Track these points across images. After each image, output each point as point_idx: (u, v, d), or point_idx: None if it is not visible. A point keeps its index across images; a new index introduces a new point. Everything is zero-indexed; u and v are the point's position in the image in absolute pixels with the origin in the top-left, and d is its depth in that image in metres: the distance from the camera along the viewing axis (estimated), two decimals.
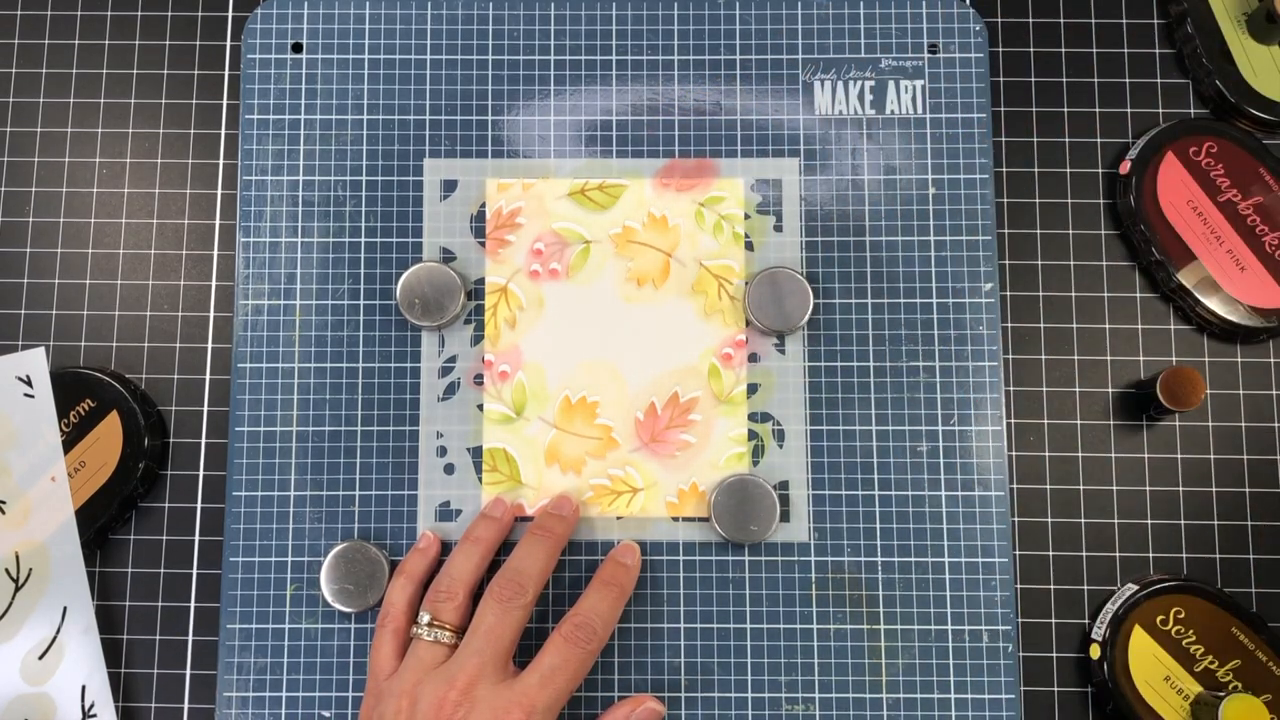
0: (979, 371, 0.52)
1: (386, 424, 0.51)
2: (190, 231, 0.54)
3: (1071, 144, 0.54)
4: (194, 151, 0.55)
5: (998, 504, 0.51)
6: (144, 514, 0.52)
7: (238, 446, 0.51)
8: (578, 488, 0.51)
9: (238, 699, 0.50)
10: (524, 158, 0.53)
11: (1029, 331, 0.53)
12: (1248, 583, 0.51)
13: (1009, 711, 0.49)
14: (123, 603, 0.51)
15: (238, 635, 0.50)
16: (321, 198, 0.53)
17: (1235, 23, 0.54)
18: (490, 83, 0.54)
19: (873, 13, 0.54)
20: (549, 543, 0.48)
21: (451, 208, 0.53)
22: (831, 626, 0.50)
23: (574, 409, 0.52)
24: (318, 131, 0.53)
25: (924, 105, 0.53)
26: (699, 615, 0.50)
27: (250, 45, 0.54)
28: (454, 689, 0.43)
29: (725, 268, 0.52)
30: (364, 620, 0.50)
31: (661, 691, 0.49)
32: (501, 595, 0.46)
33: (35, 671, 0.50)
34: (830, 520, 0.51)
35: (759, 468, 0.51)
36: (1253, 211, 0.52)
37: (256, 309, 0.52)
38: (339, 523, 0.51)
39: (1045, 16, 0.55)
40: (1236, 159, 0.53)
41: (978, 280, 0.52)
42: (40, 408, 0.51)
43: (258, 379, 0.52)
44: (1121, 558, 0.51)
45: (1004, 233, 0.54)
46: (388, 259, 0.53)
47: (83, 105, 0.55)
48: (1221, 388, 0.52)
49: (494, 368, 0.52)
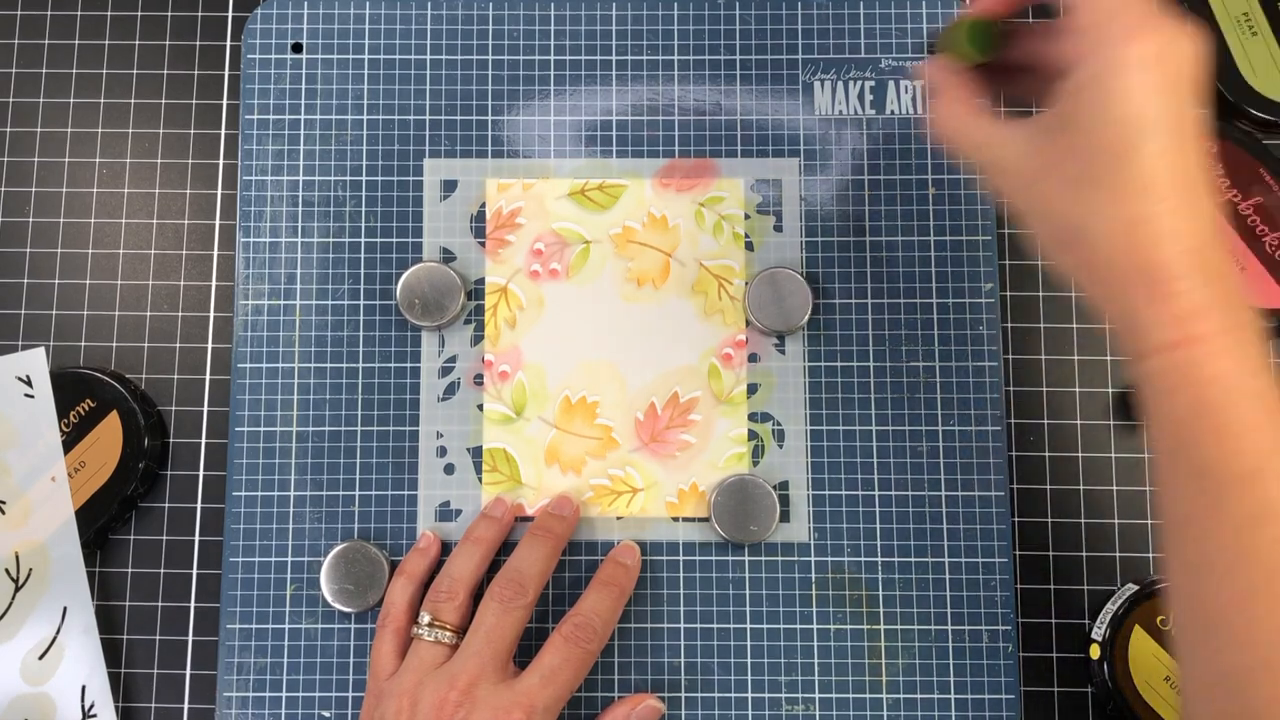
0: (979, 371, 0.52)
1: (386, 424, 0.51)
2: (190, 231, 0.54)
3: None
4: (194, 151, 0.55)
5: (998, 504, 0.51)
6: (144, 514, 0.52)
7: (238, 446, 0.51)
8: (578, 488, 0.51)
9: (238, 699, 0.50)
10: (524, 158, 0.53)
11: (1029, 331, 0.53)
12: None
13: (1009, 712, 0.49)
14: (123, 603, 0.51)
15: (238, 635, 0.50)
16: (321, 198, 0.53)
17: (1235, 23, 0.54)
18: (490, 83, 0.54)
19: (873, 13, 0.54)
20: (549, 543, 0.48)
21: (451, 208, 0.53)
22: (831, 626, 0.50)
23: (574, 409, 0.52)
24: (318, 131, 0.53)
25: (924, 105, 0.53)
26: (699, 615, 0.50)
27: (250, 45, 0.54)
28: (455, 689, 0.43)
29: (725, 268, 0.52)
30: (364, 620, 0.50)
31: (661, 691, 0.49)
32: (502, 595, 0.46)
33: (35, 671, 0.50)
34: (830, 520, 0.51)
35: (759, 468, 0.51)
36: (1253, 212, 0.52)
37: (256, 309, 0.52)
38: (339, 523, 0.51)
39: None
40: (1236, 159, 0.53)
41: (978, 280, 0.52)
42: (40, 408, 0.51)
43: (258, 379, 0.52)
44: (1121, 558, 0.51)
45: (1004, 233, 0.54)
46: (388, 259, 0.53)
47: (83, 105, 0.55)
48: None
49: (494, 368, 0.52)
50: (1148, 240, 0.34)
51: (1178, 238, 0.34)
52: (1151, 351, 0.35)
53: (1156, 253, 0.34)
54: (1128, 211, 0.34)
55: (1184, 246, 0.34)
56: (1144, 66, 0.34)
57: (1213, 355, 0.33)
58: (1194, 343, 0.34)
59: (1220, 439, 0.33)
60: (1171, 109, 0.34)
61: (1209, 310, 0.34)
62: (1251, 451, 0.33)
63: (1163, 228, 0.34)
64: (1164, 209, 0.34)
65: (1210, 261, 0.34)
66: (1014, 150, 0.38)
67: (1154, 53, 0.34)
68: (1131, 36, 0.35)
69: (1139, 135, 0.34)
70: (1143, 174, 0.34)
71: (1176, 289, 0.34)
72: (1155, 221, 0.34)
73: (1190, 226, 0.34)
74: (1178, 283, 0.34)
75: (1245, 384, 0.33)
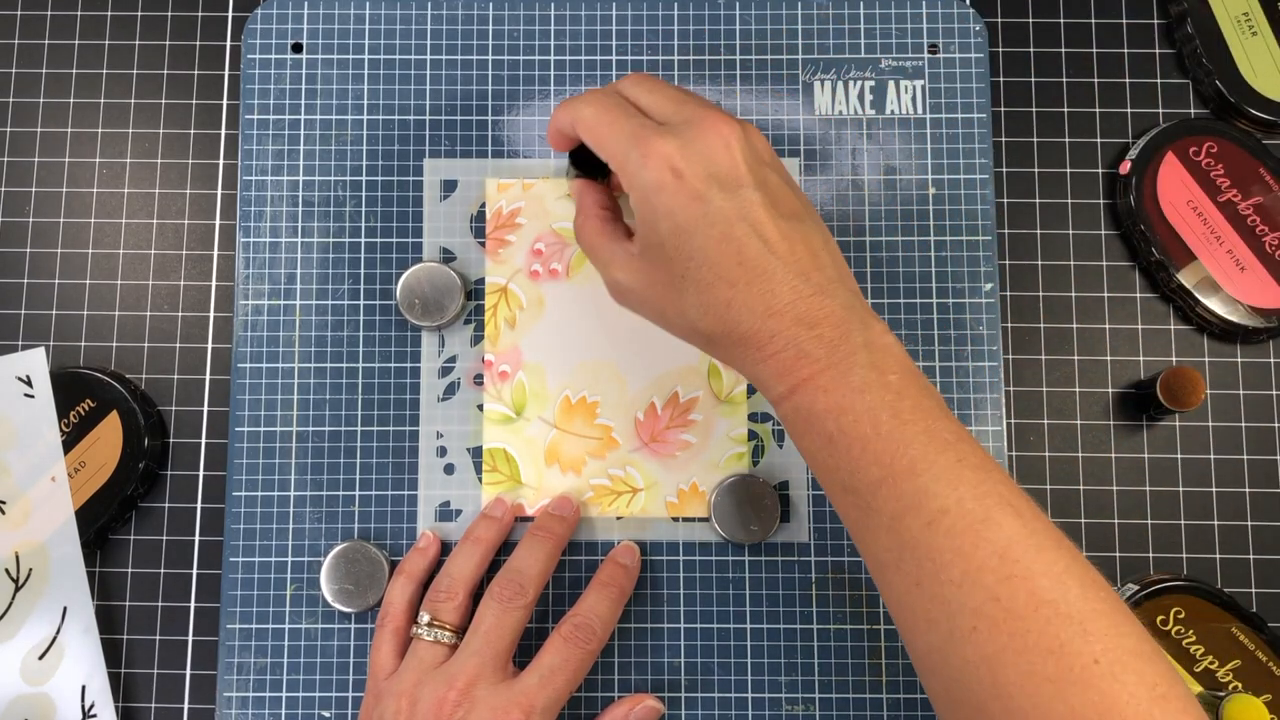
0: (979, 371, 0.52)
1: (386, 424, 0.51)
2: (190, 231, 0.54)
3: (1071, 144, 0.54)
4: (194, 151, 0.55)
5: None
6: (144, 514, 0.52)
7: (238, 446, 0.51)
8: (578, 488, 0.51)
9: (238, 699, 0.50)
10: (524, 158, 0.53)
11: (1029, 331, 0.53)
12: (1248, 583, 0.51)
13: None
14: (123, 603, 0.51)
15: (238, 635, 0.50)
16: (321, 198, 0.53)
17: (1235, 23, 0.54)
18: (490, 83, 0.54)
19: (873, 13, 0.54)
20: (549, 543, 0.48)
21: (451, 208, 0.53)
22: (831, 626, 0.50)
23: (574, 409, 0.52)
24: (318, 131, 0.53)
25: (924, 105, 0.53)
26: (699, 615, 0.50)
27: (250, 45, 0.54)
28: (453, 689, 0.43)
29: None
30: (364, 620, 0.50)
31: (661, 691, 0.49)
32: (501, 595, 0.46)
33: (35, 671, 0.50)
34: (830, 520, 0.51)
35: (759, 468, 0.51)
36: (1253, 211, 0.52)
37: (256, 309, 0.52)
38: (339, 523, 0.51)
39: (1045, 16, 0.55)
40: (1236, 159, 0.53)
41: (978, 280, 0.52)
42: (40, 408, 0.51)
43: (258, 379, 0.52)
44: (1121, 558, 0.51)
45: (1004, 233, 0.54)
46: (388, 259, 0.53)
47: (83, 105, 0.55)
48: (1221, 388, 0.52)
49: (494, 368, 0.52)
50: (737, 319, 0.39)
51: (752, 311, 0.38)
52: (776, 402, 0.40)
53: (742, 327, 0.39)
54: (711, 299, 0.39)
55: (762, 313, 0.38)
56: (670, 185, 0.39)
57: (819, 392, 0.38)
58: (800, 387, 0.38)
59: (848, 459, 0.38)
60: (708, 209, 0.39)
61: (806, 355, 0.38)
62: (874, 462, 0.37)
63: (738, 305, 0.39)
64: (732, 293, 0.39)
65: (803, 313, 0.38)
66: (626, 269, 0.42)
67: (671, 168, 0.39)
68: (647, 162, 0.39)
69: (689, 240, 0.39)
70: (702, 270, 0.39)
71: (771, 349, 0.38)
72: (730, 304, 0.39)
73: (762, 297, 0.38)
74: (772, 343, 0.38)
75: (854, 405, 0.37)
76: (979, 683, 0.35)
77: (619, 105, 0.42)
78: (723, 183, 0.39)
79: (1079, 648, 0.34)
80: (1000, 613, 0.35)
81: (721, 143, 0.40)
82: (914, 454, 0.37)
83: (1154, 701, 0.33)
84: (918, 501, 0.36)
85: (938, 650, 0.37)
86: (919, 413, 0.37)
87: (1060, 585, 0.35)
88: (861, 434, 0.37)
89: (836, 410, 0.37)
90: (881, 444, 0.37)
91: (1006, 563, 0.35)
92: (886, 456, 0.37)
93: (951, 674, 0.36)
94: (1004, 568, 0.35)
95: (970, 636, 0.35)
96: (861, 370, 0.38)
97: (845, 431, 0.37)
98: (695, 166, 0.39)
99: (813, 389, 0.38)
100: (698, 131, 0.40)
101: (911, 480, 0.37)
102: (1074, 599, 0.35)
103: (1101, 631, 0.34)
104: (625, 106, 0.42)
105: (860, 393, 0.37)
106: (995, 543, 0.35)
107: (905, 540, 0.37)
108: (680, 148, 0.39)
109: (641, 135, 0.40)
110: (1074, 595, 0.35)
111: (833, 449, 0.38)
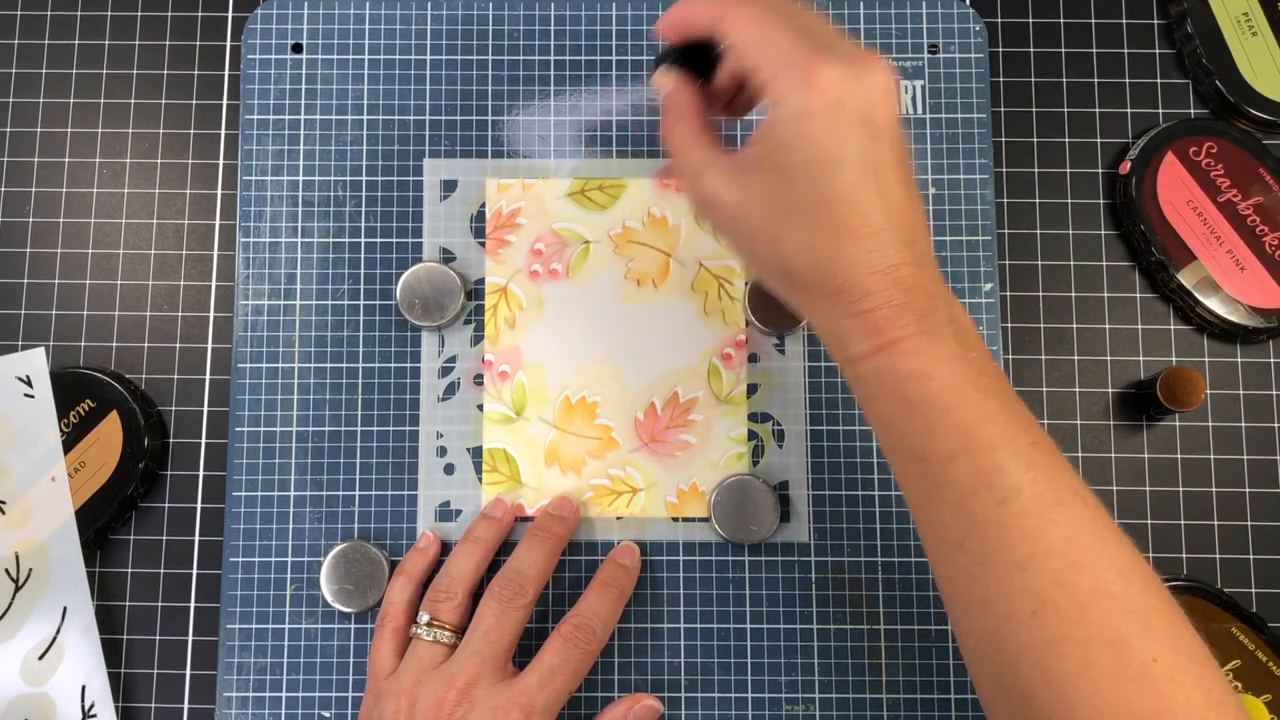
0: None
1: (386, 424, 0.51)
2: (190, 231, 0.54)
3: (1071, 144, 0.54)
4: (194, 151, 0.55)
5: None
6: (144, 514, 0.52)
7: (238, 446, 0.51)
8: (578, 488, 0.51)
9: (238, 699, 0.50)
10: (524, 158, 0.53)
11: (1029, 331, 0.53)
12: (1248, 583, 0.51)
13: None
14: (123, 603, 0.51)
15: (238, 635, 0.50)
16: (321, 198, 0.53)
17: (1235, 23, 0.54)
18: (490, 83, 0.54)
19: (872, 13, 0.54)
20: (549, 543, 0.48)
21: (451, 208, 0.53)
22: (831, 626, 0.50)
23: (574, 409, 0.52)
24: (318, 131, 0.53)
25: (924, 105, 0.53)
26: (699, 615, 0.50)
27: (250, 45, 0.54)
28: (453, 689, 0.43)
29: (725, 268, 0.52)
30: (364, 620, 0.50)
31: (661, 691, 0.49)
32: (501, 595, 0.46)
33: (35, 671, 0.50)
34: (830, 520, 0.51)
35: (759, 468, 0.51)
36: (1253, 211, 0.52)
37: (256, 309, 0.52)
38: (339, 523, 0.51)
39: (1045, 16, 0.55)
40: (1236, 159, 0.53)
41: (978, 280, 0.52)
42: (40, 408, 0.51)
43: (258, 379, 0.52)
44: None
45: (1004, 233, 0.54)
46: (388, 259, 0.53)
47: (83, 105, 0.55)
48: (1221, 388, 0.52)
49: (494, 368, 0.52)
50: (838, 268, 0.37)
51: (855, 265, 0.37)
52: (855, 360, 0.38)
53: (839, 277, 0.37)
54: (819, 242, 0.37)
55: (871, 270, 0.37)
56: (826, 113, 0.37)
57: (907, 355, 0.37)
58: (888, 347, 0.37)
59: (926, 426, 0.37)
60: (854, 148, 0.37)
61: (900, 318, 0.37)
62: (954, 431, 0.36)
63: (844, 255, 0.37)
64: (843, 241, 0.37)
65: (902, 278, 0.37)
66: (726, 183, 0.40)
67: (834, 98, 0.36)
68: (811, 83, 0.37)
69: (825, 175, 0.37)
70: (818, 210, 0.37)
71: (866, 305, 0.37)
72: (842, 252, 0.37)
73: (870, 254, 0.37)
74: (867, 300, 0.37)
75: (941, 372, 0.36)
76: (1032, 669, 0.35)
77: (782, 12, 0.38)
78: (873, 129, 0.37)
79: (1139, 644, 0.34)
80: (1063, 599, 0.34)
81: (883, 87, 0.37)
82: (993, 430, 0.36)
83: (1210, 707, 0.33)
84: (992, 478, 0.36)
85: (991, 634, 0.36)
86: (997, 392, 0.37)
87: (1124, 579, 0.35)
88: (945, 403, 0.36)
89: (922, 375, 0.37)
90: (964, 415, 0.36)
91: (1073, 549, 0.35)
92: (968, 429, 0.36)
93: (1005, 659, 0.36)
94: (1071, 554, 0.35)
95: (1029, 621, 0.35)
96: (949, 342, 0.37)
97: (928, 399, 0.37)
98: (855, 103, 0.37)
99: (900, 351, 0.37)
100: (865, 68, 0.37)
101: (989, 456, 0.36)
102: (1136, 595, 0.35)
103: (1161, 631, 0.34)
104: (788, 15, 0.38)
105: (948, 362, 0.37)
106: (1064, 528, 0.35)
107: (974, 517, 0.36)
108: (846, 79, 0.37)
109: (808, 55, 0.37)
110: (1136, 591, 0.35)
111: (910, 415, 0.37)
